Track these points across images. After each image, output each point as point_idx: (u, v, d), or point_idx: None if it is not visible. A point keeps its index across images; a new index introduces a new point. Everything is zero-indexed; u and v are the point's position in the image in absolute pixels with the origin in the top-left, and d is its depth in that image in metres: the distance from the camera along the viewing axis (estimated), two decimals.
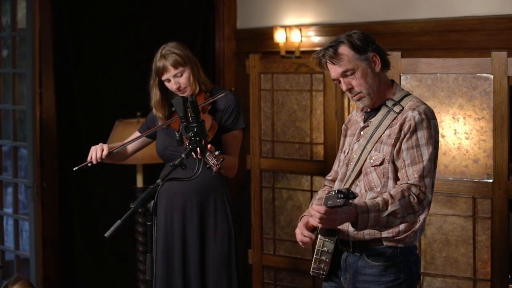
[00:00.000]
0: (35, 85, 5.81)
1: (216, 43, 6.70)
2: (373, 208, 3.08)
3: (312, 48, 6.23)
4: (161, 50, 4.20)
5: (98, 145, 4.17)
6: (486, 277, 4.29)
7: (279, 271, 5.26)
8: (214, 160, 3.64)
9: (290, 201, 5.18)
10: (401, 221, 3.16)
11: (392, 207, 3.10)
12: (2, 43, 6.24)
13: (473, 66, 4.26)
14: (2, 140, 6.23)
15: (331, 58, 3.29)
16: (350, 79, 3.30)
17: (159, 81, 4.24)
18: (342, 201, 2.91)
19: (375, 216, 3.08)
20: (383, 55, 3.36)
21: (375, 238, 3.29)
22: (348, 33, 3.34)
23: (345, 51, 3.29)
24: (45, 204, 5.91)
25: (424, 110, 3.26)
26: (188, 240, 4.24)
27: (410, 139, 3.23)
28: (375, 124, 3.34)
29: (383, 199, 3.12)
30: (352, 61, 3.28)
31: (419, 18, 5.59)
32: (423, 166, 3.20)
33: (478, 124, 4.25)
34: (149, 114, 4.46)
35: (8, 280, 3.88)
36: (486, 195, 4.24)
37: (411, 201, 3.14)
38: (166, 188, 4.25)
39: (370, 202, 3.10)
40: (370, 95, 3.32)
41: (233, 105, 4.23)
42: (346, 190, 2.91)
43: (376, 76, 3.33)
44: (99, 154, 4.13)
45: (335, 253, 3.35)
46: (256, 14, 6.62)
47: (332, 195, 2.96)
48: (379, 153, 3.29)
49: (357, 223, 3.08)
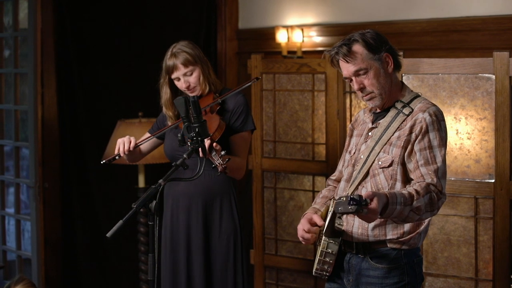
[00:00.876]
0: (37, 85, 5.81)
1: (218, 43, 6.70)
2: (401, 201, 3.03)
3: (314, 48, 6.23)
4: (171, 49, 4.18)
5: (125, 137, 4.12)
6: (488, 277, 4.28)
7: (281, 271, 5.27)
8: (219, 160, 3.64)
9: (292, 201, 5.18)
10: (419, 218, 3.13)
11: (417, 202, 3.06)
12: (4, 43, 6.24)
13: (475, 66, 4.25)
14: (4, 140, 6.24)
15: (344, 56, 3.26)
16: (362, 78, 3.28)
17: (169, 79, 4.22)
18: (354, 208, 2.85)
19: (401, 209, 3.04)
20: (395, 56, 3.34)
21: (379, 240, 3.28)
22: (361, 32, 3.31)
23: (359, 50, 3.26)
24: (47, 204, 5.91)
25: (434, 112, 3.25)
26: (193, 240, 4.23)
27: (422, 140, 3.21)
28: (384, 126, 3.32)
29: (408, 193, 3.07)
30: (366, 60, 3.26)
31: (421, 18, 5.58)
32: (438, 167, 3.19)
33: (480, 124, 4.25)
34: (159, 115, 4.44)
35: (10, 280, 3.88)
36: (488, 195, 4.24)
37: (433, 198, 3.12)
38: (172, 188, 4.25)
39: (399, 194, 3.05)
40: (382, 96, 3.30)
41: (242, 106, 4.20)
42: (358, 197, 2.86)
43: (388, 76, 3.31)
44: (127, 147, 4.08)
45: (339, 255, 3.34)
46: (258, 14, 6.62)
47: (343, 201, 2.91)
48: (387, 155, 3.26)
49: (384, 212, 3.01)
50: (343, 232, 3.32)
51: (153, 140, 4.38)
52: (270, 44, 6.44)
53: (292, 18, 6.38)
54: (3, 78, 6.24)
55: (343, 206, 2.89)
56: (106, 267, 6.27)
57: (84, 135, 6.12)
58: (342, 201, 2.91)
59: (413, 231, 3.28)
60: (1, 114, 6.24)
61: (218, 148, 3.68)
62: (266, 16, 6.56)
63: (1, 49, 6.22)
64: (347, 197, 2.89)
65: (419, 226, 3.29)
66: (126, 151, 4.09)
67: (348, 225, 3.31)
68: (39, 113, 5.83)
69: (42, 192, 5.86)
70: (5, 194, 6.41)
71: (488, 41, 5.24)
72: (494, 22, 5.23)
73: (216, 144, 3.70)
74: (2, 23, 6.19)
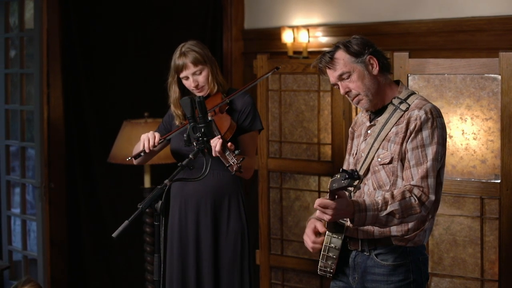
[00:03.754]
0: (43, 85, 5.82)
1: (223, 44, 6.70)
2: (371, 208, 3.11)
3: (320, 49, 6.22)
4: (180, 48, 4.19)
5: (149, 133, 4.08)
6: (493, 277, 4.28)
7: (287, 271, 5.27)
8: (234, 160, 3.63)
9: (298, 201, 5.18)
10: (401, 221, 3.18)
11: (390, 207, 3.13)
12: (10, 43, 6.26)
13: (480, 67, 4.25)
14: (10, 140, 6.25)
15: (327, 63, 3.37)
16: (347, 82, 3.36)
17: (178, 78, 4.23)
18: (347, 182, 2.91)
19: (373, 215, 3.11)
20: (381, 58, 3.39)
21: (384, 237, 3.30)
22: (347, 39, 3.41)
23: (341, 56, 3.36)
24: (52, 204, 5.92)
25: (430, 109, 3.28)
26: (201, 240, 4.23)
27: (415, 138, 3.25)
28: (381, 123, 3.36)
29: (383, 198, 3.15)
30: (348, 64, 3.34)
31: (426, 18, 5.58)
32: (427, 166, 3.22)
33: (486, 124, 4.25)
34: (165, 116, 4.43)
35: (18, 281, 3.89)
36: (493, 195, 4.23)
37: (412, 203, 3.16)
38: (181, 188, 4.26)
39: (369, 201, 3.13)
40: (368, 97, 3.35)
41: (250, 106, 4.21)
42: (351, 171, 2.92)
43: (374, 78, 3.36)
44: (152, 142, 4.05)
45: (344, 252, 3.37)
46: (264, 15, 6.62)
47: (337, 177, 2.98)
48: (386, 151, 3.30)
49: (353, 220, 3.11)
50: (348, 228, 3.34)
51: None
52: (276, 45, 6.44)
53: (298, 18, 6.38)
54: (9, 78, 6.25)
55: (337, 182, 2.98)
56: (111, 267, 6.28)
57: (90, 135, 6.13)
58: (337, 178, 2.99)
59: (418, 228, 3.30)
60: (7, 114, 6.25)
61: (232, 147, 3.69)
62: (272, 16, 6.56)
63: (7, 49, 6.23)
64: (340, 172, 2.96)
65: (424, 223, 3.32)
66: (151, 146, 4.05)
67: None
68: (45, 113, 5.84)
69: (48, 192, 5.87)
70: (11, 194, 6.41)
71: (494, 41, 5.23)
72: (500, 22, 5.22)
73: (231, 143, 3.70)
74: (8, 23, 6.21)
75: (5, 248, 6.26)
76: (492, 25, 5.25)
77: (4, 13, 6.13)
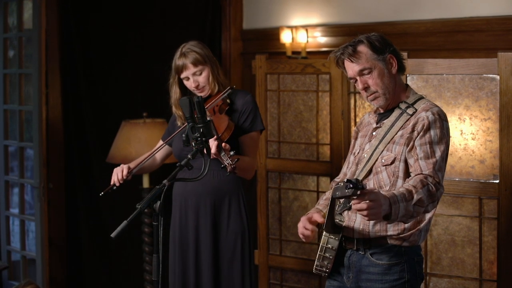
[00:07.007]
0: (42, 86, 5.81)
1: (222, 44, 6.70)
2: (402, 198, 3.07)
3: (319, 49, 6.23)
4: (181, 48, 4.20)
5: (118, 167, 4.12)
6: (492, 277, 4.28)
7: (285, 271, 5.27)
8: (229, 160, 3.66)
9: (296, 201, 5.18)
10: (425, 210, 3.16)
11: (417, 195, 3.10)
12: (8, 43, 6.25)
13: (479, 67, 4.25)
14: (8, 140, 6.24)
15: (350, 56, 3.35)
16: (367, 78, 3.36)
17: (179, 79, 4.23)
18: (350, 191, 2.90)
19: (405, 206, 3.07)
20: (399, 58, 3.42)
21: (380, 236, 3.31)
22: (367, 35, 3.40)
23: (363, 50, 3.35)
24: (51, 204, 5.92)
25: (437, 112, 3.31)
26: (201, 240, 4.23)
27: (424, 136, 3.26)
28: (388, 125, 3.38)
29: (405, 189, 3.11)
30: (370, 60, 3.34)
31: (425, 18, 5.59)
32: (436, 160, 3.23)
33: (485, 124, 4.25)
34: (170, 119, 4.44)
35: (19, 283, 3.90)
36: (492, 195, 4.24)
37: (431, 190, 3.15)
38: (181, 188, 4.27)
39: (398, 192, 3.09)
40: (385, 95, 3.37)
41: (251, 107, 4.21)
42: (355, 181, 2.90)
43: (392, 77, 3.39)
44: (120, 176, 4.09)
45: (339, 252, 3.38)
46: (262, 15, 6.62)
47: (340, 186, 2.97)
48: (391, 153, 3.32)
49: (390, 215, 3.06)
50: (344, 228, 3.35)
51: (166, 146, 4.39)
52: (274, 45, 6.44)
53: (297, 18, 6.38)
54: (8, 78, 6.25)
55: (340, 191, 2.96)
56: (110, 267, 6.27)
57: (89, 136, 6.12)
58: (340, 186, 2.97)
59: (414, 227, 3.31)
60: (6, 115, 6.25)
61: (227, 148, 3.70)
62: (271, 16, 6.56)
63: (6, 50, 6.23)
64: (344, 182, 2.94)
65: (420, 223, 3.32)
66: (121, 180, 4.10)
67: (350, 221, 3.35)
68: (44, 113, 5.83)
69: (46, 192, 5.87)
70: (10, 194, 6.41)
71: (492, 41, 5.24)
72: (498, 22, 5.23)
73: (225, 144, 3.71)
74: (7, 23, 6.20)
75: (3, 248, 6.25)
76: (490, 26, 5.26)
77: (2, 13, 6.12)
